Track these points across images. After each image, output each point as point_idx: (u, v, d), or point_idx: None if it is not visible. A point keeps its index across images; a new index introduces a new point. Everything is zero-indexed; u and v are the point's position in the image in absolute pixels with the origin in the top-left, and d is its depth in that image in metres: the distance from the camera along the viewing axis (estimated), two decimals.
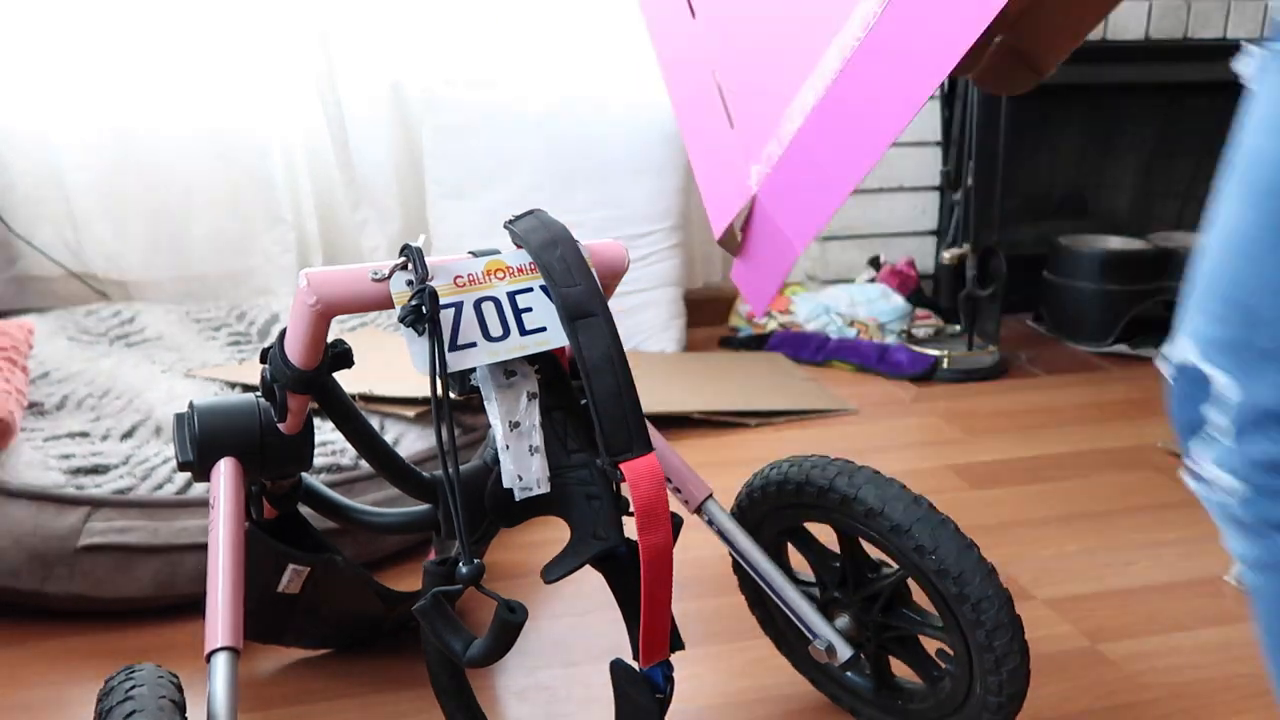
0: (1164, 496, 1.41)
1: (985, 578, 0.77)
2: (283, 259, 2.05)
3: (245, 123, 1.99)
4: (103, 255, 1.98)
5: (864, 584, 0.87)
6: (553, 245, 0.71)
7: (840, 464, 0.83)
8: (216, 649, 0.67)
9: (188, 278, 2.04)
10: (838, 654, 0.84)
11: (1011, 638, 0.77)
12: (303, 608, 0.95)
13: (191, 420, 0.76)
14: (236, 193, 2.01)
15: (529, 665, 1.03)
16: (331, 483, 1.18)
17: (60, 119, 1.90)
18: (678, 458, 0.86)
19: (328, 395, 0.73)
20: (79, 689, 1.00)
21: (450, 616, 0.69)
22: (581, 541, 0.74)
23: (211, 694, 0.65)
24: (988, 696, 0.79)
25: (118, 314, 1.74)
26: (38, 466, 1.12)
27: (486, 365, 0.70)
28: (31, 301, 2.00)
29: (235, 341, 1.67)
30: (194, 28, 1.92)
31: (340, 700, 0.98)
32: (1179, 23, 2.24)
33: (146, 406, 1.32)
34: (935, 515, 0.78)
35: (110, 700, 0.62)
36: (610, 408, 0.68)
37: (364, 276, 0.66)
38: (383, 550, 1.23)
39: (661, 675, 0.75)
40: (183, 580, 1.10)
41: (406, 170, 2.14)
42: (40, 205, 1.95)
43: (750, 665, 1.02)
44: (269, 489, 0.86)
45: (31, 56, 1.87)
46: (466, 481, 0.78)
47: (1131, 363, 2.02)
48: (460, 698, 0.87)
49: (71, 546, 1.06)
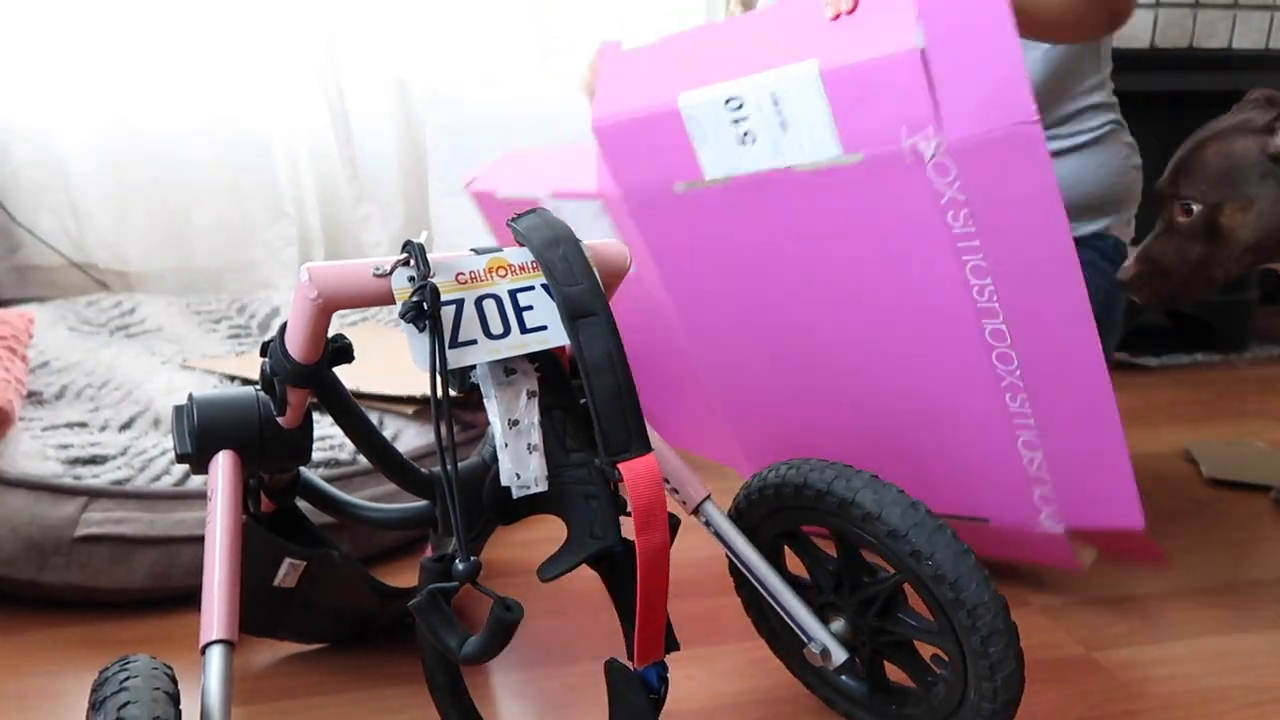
0: (1161, 505, 1.41)
1: (981, 584, 0.77)
2: (284, 253, 2.05)
3: (249, 116, 1.99)
4: (104, 246, 1.99)
5: (860, 588, 0.87)
6: (555, 244, 0.71)
7: (838, 468, 0.83)
8: (211, 641, 0.67)
9: (189, 270, 2.04)
10: (833, 658, 0.84)
11: (1006, 644, 0.77)
12: (298, 602, 0.95)
13: (190, 412, 0.76)
14: (239, 186, 2.02)
15: (524, 663, 1.03)
16: (329, 477, 1.18)
17: (64, 110, 1.91)
18: (677, 458, 0.86)
19: (327, 390, 0.74)
20: (73, 679, 1.00)
21: (446, 613, 0.69)
22: (578, 540, 0.74)
23: (206, 686, 0.65)
24: (982, 702, 0.79)
25: (118, 305, 1.74)
26: (36, 456, 1.12)
27: (486, 363, 0.70)
28: (32, 291, 2.00)
29: (235, 334, 1.67)
30: (199, 21, 1.92)
31: (334, 695, 0.98)
32: (1184, 32, 2.24)
33: (145, 398, 1.33)
34: (932, 520, 0.79)
35: (104, 691, 0.62)
36: (610, 407, 0.68)
37: (366, 272, 0.66)
38: (380, 546, 1.23)
39: (656, 676, 0.75)
40: (179, 572, 1.10)
41: (409, 166, 2.14)
42: (42, 195, 1.95)
43: (745, 667, 1.02)
44: (267, 482, 0.86)
45: (35, 47, 1.87)
46: (464, 478, 0.78)
47: (1132, 371, 2.01)
48: (455, 694, 0.87)
49: (68, 536, 1.06)
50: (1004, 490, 1.03)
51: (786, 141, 0.90)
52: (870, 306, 0.97)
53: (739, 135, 0.92)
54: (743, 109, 0.91)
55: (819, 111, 0.87)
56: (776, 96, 0.89)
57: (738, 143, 0.92)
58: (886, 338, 0.99)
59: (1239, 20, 2.25)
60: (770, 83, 0.89)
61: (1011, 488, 1.03)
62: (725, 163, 0.94)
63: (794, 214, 0.94)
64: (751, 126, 0.91)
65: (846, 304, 0.98)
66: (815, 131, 0.88)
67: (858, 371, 1.03)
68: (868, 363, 1.01)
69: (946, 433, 1.02)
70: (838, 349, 1.03)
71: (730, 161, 0.94)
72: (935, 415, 1.01)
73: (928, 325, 0.95)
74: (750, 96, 0.90)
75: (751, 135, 0.91)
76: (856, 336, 1.00)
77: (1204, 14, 2.23)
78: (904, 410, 1.03)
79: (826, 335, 1.02)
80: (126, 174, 1.96)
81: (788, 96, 0.89)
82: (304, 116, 2.02)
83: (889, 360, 1.00)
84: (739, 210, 0.97)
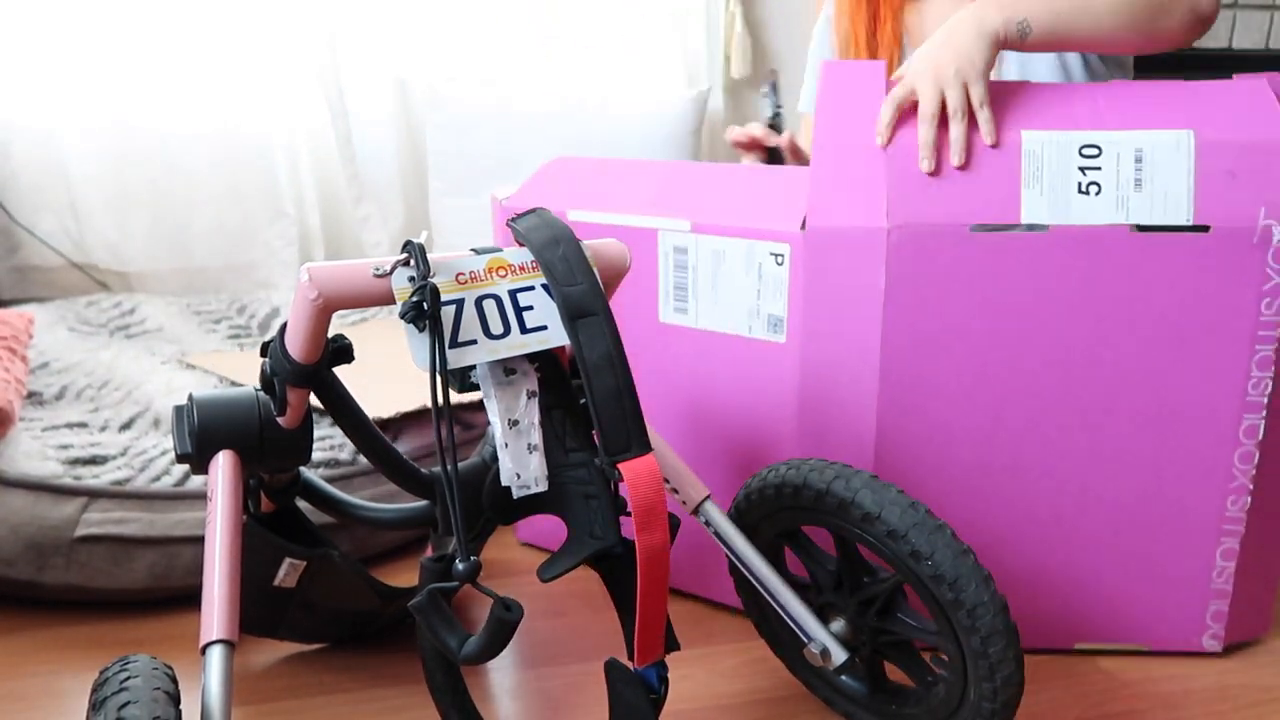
0: None
1: (981, 584, 0.77)
2: (284, 253, 2.05)
3: (249, 116, 1.99)
4: (104, 246, 1.99)
5: (860, 588, 0.87)
6: (555, 244, 0.71)
7: (838, 468, 0.83)
8: (211, 641, 0.67)
9: (189, 270, 2.05)
10: (832, 658, 0.84)
11: (1006, 644, 0.77)
12: (298, 602, 0.95)
13: (190, 413, 0.76)
14: (239, 186, 2.02)
15: (524, 663, 1.03)
16: (329, 477, 1.18)
17: (64, 110, 1.91)
18: (677, 458, 0.86)
19: (327, 390, 0.74)
20: (73, 679, 1.00)
21: (446, 613, 0.69)
22: (578, 540, 0.74)
23: (206, 686, 0.65)
24: (982, 702, 0.80)
25: (118, 305, 1.74)
26: (35, 456, 1.12)
27: (486, 363, 0.70)
28: (32, 291, 2.00)
29: (235, 334, 1.67)
30: (200, 21, 1.93)
31: (334, 695, 0.98)
32: None
33: (145, 398, 1.33)
34: (931, 521, 0.79)
35: (104, 691, 0.62)
36: (610, 407, 0.68)
37: (366, 272, 0.66)
38: (380, 546, 1.23)
39: (656, 676, 0.75)
40: (179, 572, 1.10)
41: (409, 167, 2.14)
42: (43, 195, 1.95)
43: (745, 667, 1.02)
44: (267, 483, 0.87)
45: (36, 47, 1.87)
46: (465, 479, 0.78)
47: None
48: (455, 695, 0.87)
49: (68, 537, 1.07)
50: (1175, 608, 1.00)
51: (1136, 200, 0.90)
52: (1129, 383, 0.93)
53: (1081, 184, 0.91)
54: (1098, 158, 0.90)
55: (1183, 177, 0.89)
56: (1141, 154, 0.90)
57: (1076, 191, 0.90)
58: (1131, 420, 0.94)
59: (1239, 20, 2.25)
60: (1139, 139, 0.90)
61: (1185, 605, 0.99)
62: (1053, 210, 0.90)
63: (1098, 273, 0.91)
64: (1101, 178, 0.90)
65: (1102, 374, 0.94)
66: (1171, 195, 0.89)
67: (1076, 452, 0.96)
68: (1095, 446, 0.96)
69: (1138, 536, 0.98)
70: (1065, 425, 0.95)
71: (1060, 210, 0.91)
72: (1138, 513, 0.97)
73: (1182, 412, 0.93)
74: (1111, 148, 0.90)
75: (1097, 187, 0.90)
76: (1097, 413, 0.95)
77: None
78: (1106, 506, 0.97)
79: (1059, 410, 0.95)
80: (126, 174, 1.96)
81: (1154, 156, 0.90)
82: (304, 117, 2.02)
83: (1118, 444, 0.95)
84: (1041, 260, 0.91)
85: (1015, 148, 0.92)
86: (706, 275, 1.00)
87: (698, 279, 1.01)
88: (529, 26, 2.09)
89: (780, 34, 2.22)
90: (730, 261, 0.99)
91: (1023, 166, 0.92)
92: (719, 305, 1.01)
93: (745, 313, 0.99)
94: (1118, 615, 1.01)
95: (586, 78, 2.14)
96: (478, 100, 2.01)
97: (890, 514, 0.79)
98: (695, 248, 1.00)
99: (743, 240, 0.97)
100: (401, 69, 2.07)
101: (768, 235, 0.96)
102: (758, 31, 2.22)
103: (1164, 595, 1.00)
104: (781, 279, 0.96)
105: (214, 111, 1.97)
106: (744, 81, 2.24)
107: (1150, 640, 1.01)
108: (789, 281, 0.96)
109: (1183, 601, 1.00)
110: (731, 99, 2.25)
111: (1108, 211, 0.90)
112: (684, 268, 1.02)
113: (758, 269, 0.97)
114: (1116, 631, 1.02)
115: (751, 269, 0.98)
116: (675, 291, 1.03)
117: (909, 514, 0.79)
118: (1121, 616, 1.01)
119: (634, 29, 2.13)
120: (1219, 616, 0.99)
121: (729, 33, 2.18)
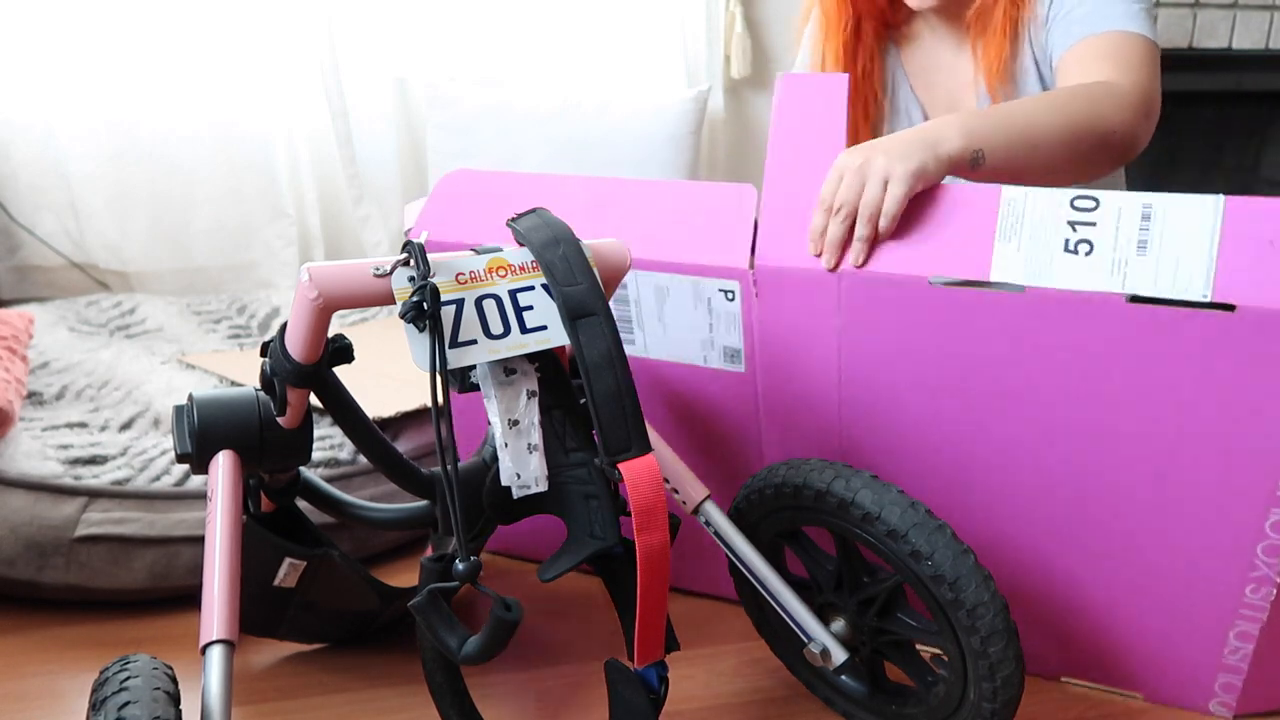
0: None
1: (981, 584, 0.77)
2: (284, 253, 2.05)
3: (249, 116, 1.99)
4: (104, 246, 1.99)
5: (860, 588, 0.87)
6: (554, 244, 0.71)
7: (838, 468, 0.83)
8: (212, 641, 0.67)
9: (189, 270, 2.05)
10: (833, 658, 0.84)
11: (1006, 644, 0.77)
12: (298, 602, 0.95)
13: (191, 412, 0.76)
14: (239, 186, 2.02)
15: (524, 663, 1.03)
16: (329, 477, 1.18)
17: (64, 109, 1.91)
18: (676, 458, 0.86)
19: (327, 390, 0.74)
20: (73, 679, 1.00)
21: (446, 613, 0.69)
22: (578, 540, 0.74)
23: (206, 686, 0.65)
24: (982, 702, 0.80)
25: (118, 305, 1.74)
26: (35, 456, 1.12)
27: (486, 363, 0.70)
28: (32, 291, 2.01)
29: (235, 334, 1.67)
30: (200, 20, 1.93)
31: (334, 695, 0.98)
32: (1184, 32, 2.24)
33: (145, 398, 1.33)
34: (932, 521, 0.79)
35: (105, 691, 0.62)
36: (609, 407, 0.68)
37: (366, 272, 0.66)
38: (379, 545, 1.23)
39: (656, 675, 0.75)
40: (179, 572, 1.10)
41: (409, 166, 2.14)
42: (43, 195, 1.96)
43: (745, 667, 1.02)
44: (267, 482, 0.87)
45: (35, 46, 1.87)
46: (464, 478, 0.78)
47: None
48: (454, 694, 0.87)
49: (68, 537, 1.07)
50: (1182, 673, 0.93)
51: (1137, 266, 0.76)
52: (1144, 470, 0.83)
53: (1068, 241, 0.78)
54: (1094, 212, 0.78)
55: (1203, 244, 0.75)
56: (1150, 212, 0.76)
57: (1062, 249, 0.78)
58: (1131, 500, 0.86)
59: (1239, 20, 2.25)
60: (1149, 195, 0.77)
61: (1195, 674, 0.92)
62: (1029, 269, 0.78)
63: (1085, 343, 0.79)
64: (1094, 236, 0.77)
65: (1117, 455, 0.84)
66: (1185, 265, 0.75)
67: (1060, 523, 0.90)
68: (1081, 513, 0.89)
69: (1151, 611, 0.91)
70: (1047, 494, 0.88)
71: (1038, 269, 0.78)
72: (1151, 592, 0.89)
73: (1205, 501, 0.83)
74: (1112, 203, 0.78)
75: (1088, 246, 0.77)
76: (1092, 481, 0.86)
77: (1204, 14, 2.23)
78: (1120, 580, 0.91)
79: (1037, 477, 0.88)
80: (126, 174, 1.96)
81: (1166, 216, 0.76)
82: (304, 116, 2.02)
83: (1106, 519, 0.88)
84: (1015, 322, 0.81)
85: (992, 194, 0.82)
86: (651, 309, 0.93)
87: (641, 312, 0.94)
88: (529, 26, 2.09)
89: (780, 34, 2.22)
90: (676, 296, 0.91)
91: (999, 216, 0.81)
92: (669, 338, 0.94)
93: (699, 344, 0.93)
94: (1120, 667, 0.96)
95: (586, 78, 2.14)
96: (478, 100, 2.01)
97: (890, 514, 0.79)
98: (635, 283, 0.93)
99: (687, 277, 0.89)
100: (401, 69, 2.07)
101: (713, 272, 0.88)
102: (758, 31, 2.22)
103: (1170, 663, 0.93)
104: (734, 313, 0.89)
105: (214, 111, 1.97)
106: (744, 81, 2.24)
107: (1145, 694, 0.96)
108: (742, 315, 0.89)
109: (1192, 673, 0.92)
110: (731, 99, 2.25)
111: (1099, 277, 0.77)
112: (625, 301, 0.94)
113: (707, 304, 0.90)
114: (1108, 676, 0.97)
115: (700, 304, 0.90)
116: (620, 324, 0.95)
117: (909, 514, 0.79)
118: (1123, 668, 0.96)
119: (634, 29, 2.13)
120: (1229, 688, 0.92)
121: (729, 33, 2.18)
